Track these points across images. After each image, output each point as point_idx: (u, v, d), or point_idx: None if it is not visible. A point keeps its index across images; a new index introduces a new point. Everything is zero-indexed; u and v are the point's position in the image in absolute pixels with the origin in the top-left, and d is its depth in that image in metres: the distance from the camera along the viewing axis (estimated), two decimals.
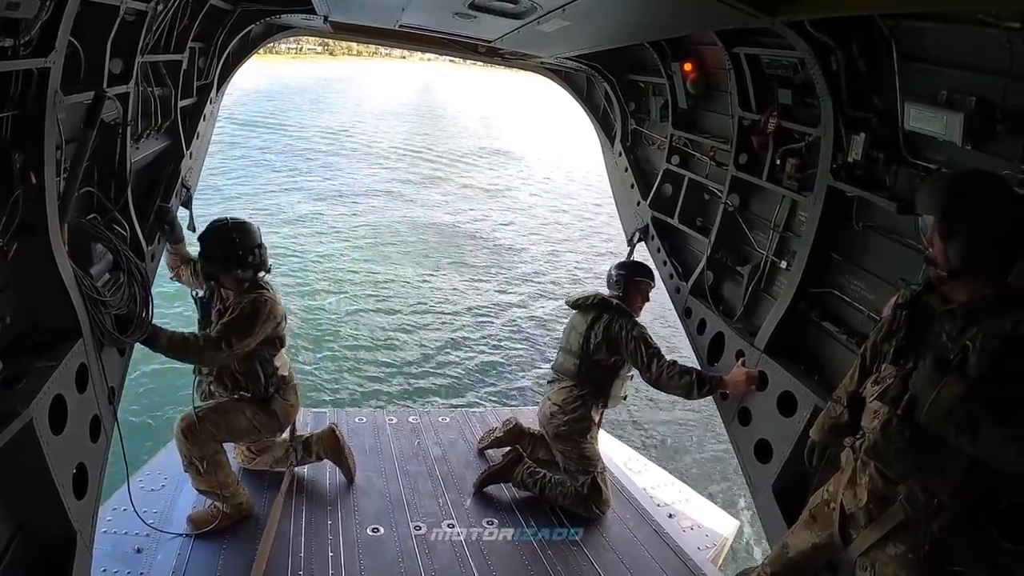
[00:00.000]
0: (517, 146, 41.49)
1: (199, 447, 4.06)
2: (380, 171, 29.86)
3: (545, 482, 4.91)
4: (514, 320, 15.67)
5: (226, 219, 4.23)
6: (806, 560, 2.95)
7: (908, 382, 2.30)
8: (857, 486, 2.55)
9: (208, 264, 4.17)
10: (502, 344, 14.32)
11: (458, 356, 13.50)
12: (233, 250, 4.10)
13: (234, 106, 36.49)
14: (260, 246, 4.23)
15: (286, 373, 4.49)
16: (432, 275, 17.81)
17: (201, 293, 4.38)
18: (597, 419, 5.01)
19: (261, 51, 6.51)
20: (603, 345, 4.78)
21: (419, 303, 15.84)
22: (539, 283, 18.29)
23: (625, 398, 5.18)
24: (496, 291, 17.36)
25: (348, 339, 13.58)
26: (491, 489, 5.06)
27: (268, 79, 52.59)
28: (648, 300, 5.15)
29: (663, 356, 4.64)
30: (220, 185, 22.79)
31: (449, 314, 15.52)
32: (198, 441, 4.05)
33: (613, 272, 5.13)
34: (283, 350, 4.48)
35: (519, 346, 14.37)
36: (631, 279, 5.03)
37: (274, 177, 25.97)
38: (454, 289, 17.05)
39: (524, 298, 17.06)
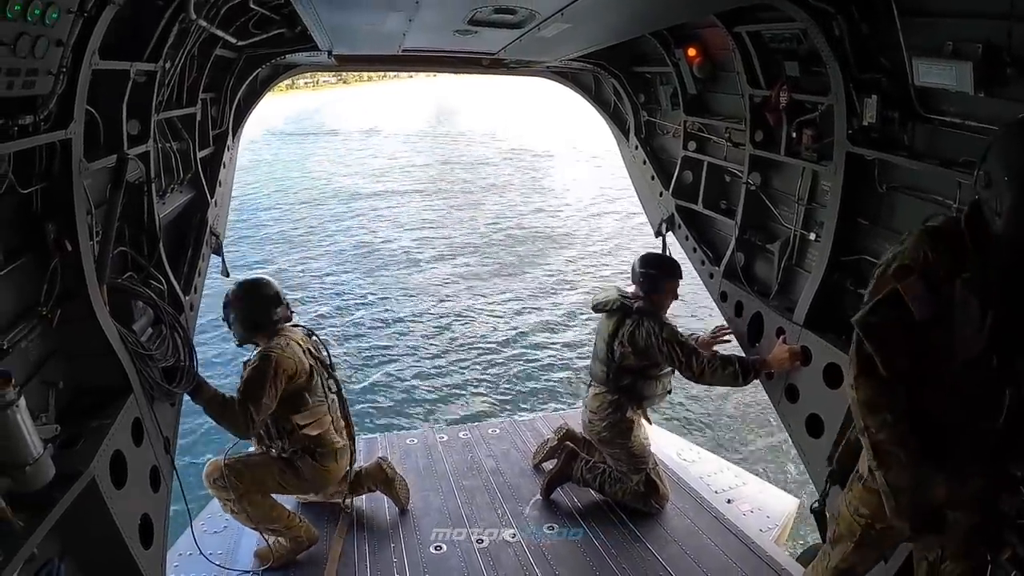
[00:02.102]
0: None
1: (228, 492, 4.08)
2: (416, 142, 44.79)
3: (605, 477, 4.87)
4: None
5: (236, 283, 4.33)
6: (868, 568, 2.87)
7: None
8: None
9: (231, 330, 4.30)
10: None
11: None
12: (239, 313, 4.22)
13: (287, 124, 52.14)
14: (268, 304, 4.24)
15: (319, 432, 4.26)
16: None
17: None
18: (637, 418, 4.86)
19: (283, 87, 6.63)
20: (631, 354, 4.64)
21: None
22: None
23: (670, 392, 4.98)
24: None
25: None
26: None
27: (299, 108, 62.67)
28: (677, 298, 4.85)
29: (700, 351, 4.49)
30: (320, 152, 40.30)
31: None
32: (225, 487, 4.07)
33: (638, 269, 4.84)
34: (316, 407, 4.28)
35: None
36: (661, 279, 4.75)
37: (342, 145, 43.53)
38: None
39: None
